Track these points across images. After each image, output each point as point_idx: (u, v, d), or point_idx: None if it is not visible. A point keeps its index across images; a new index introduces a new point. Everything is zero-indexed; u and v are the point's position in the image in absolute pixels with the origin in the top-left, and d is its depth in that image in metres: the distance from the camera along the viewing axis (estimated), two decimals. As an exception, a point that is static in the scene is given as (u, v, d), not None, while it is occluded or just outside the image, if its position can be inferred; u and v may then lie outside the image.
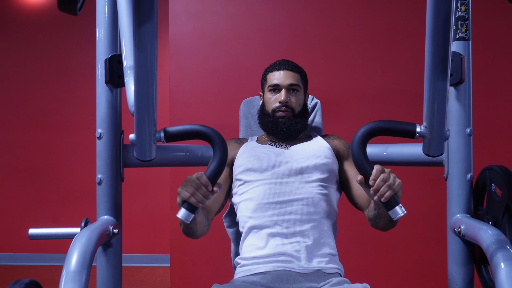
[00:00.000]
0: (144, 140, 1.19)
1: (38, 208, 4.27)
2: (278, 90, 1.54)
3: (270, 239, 1.37)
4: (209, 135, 1.19)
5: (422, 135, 1.17)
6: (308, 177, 1.44)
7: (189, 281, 2.56)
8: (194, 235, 1.34)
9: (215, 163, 1.17)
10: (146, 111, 1.14)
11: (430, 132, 1.15)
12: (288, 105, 1.52)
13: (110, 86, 1.47)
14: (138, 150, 1.22)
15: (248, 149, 1.53)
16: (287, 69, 1.56)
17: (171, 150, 1.58)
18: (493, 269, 1.14)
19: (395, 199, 1.13)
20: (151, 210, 4.22)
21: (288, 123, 1.52)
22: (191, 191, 1.13)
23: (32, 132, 4.31)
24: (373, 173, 1.12)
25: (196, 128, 1.21)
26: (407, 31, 2.56)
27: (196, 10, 2.61)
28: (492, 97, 2.62)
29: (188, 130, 1.22)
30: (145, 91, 1.11)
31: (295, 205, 1.39)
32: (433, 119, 1.13)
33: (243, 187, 1.47)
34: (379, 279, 2.57)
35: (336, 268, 1.38)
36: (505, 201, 1.33)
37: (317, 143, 1.55)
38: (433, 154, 1.20)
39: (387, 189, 1.11)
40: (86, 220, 1.45)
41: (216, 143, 1.18)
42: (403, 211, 1.12)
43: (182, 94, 2.58)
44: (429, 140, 1.17)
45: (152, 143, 1.21)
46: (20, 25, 4.37)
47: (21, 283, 1.05)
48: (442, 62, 1.03)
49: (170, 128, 1.22)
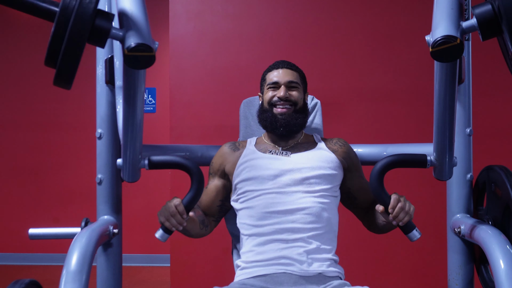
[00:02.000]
0: (130, 166, 1.32)
1: (38, 208, 4.26)
2: (277, 87, 1.53)
3: (271, 244, 1.36)
4: (189, 168, 1.32)
5: (433, 164, 1.32)
6: (311, 187, 1.41)
7: (189, 281, 2.56)
8: (192, 236, 1.48)
9: (192, 193, 1.30)
10: (132, 143, 1.26)
11: (440, 162, 1.29)
12: (289, 98, 1.51)
13: (110, 86, 1.47)
14: (124, 173, 1.36)
15: (249, 159, 1.49)
16: (286, 68, 1.56)
17: (171, 150, 1.58)
18: (493, 269, 1.14)
19: (411, 223, 1.29)
20: (151, 210, 4.20)
21: (288, 119, 1.49)
22: (166, 217, 1.29)
23: (32, 132, 4.31)
24: (391, 203, 1.26)
25: (177, 160, 1.35)
26: (407, 31, 2.56)
27: (196, 10, 2.61)
28: (492, 97, 2.62)
29: (170, 161, 1.36)
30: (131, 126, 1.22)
31: (297, 215, 1.38)
32: (443, 151, 1.26)
33: (243, 196, 1.45)
34: (379, 279, 2.56)
35: (336, 271, 1.37)
36: (505, 201, 1.33)
37: (321, 152, 1.50)
38: (443, 179, 1.36)
39: (404, 215, 1.26)
40: (86, 220, 1.45)
41: (194, 175, 1.31)
42: (419, 233, 1.30)
43: (182, 94, 2.58)
44: (439, 167, 1.31)
45: (137, 170, 1.35)
46: (20, 25, 4.37)
47: (21, 283, 1.05)
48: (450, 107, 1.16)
49: (154, 158, 1.35)
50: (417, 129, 2.55)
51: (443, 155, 1.27)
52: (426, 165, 1.32)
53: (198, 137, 2.51)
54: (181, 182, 2.60)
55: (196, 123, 2.52)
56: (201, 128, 2.55)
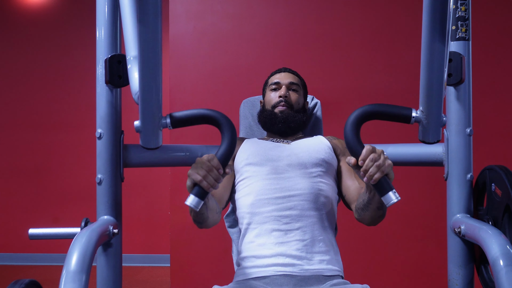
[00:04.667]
0: (150, 126, 1.15)
1: (38, 208, 4.27)
2: (279, 87, 1.62)
3: (269, 236, 1.36)
4: (217, 119, 1.17)
5: (418, 120, 1.14)
6: (308, 172, 1.43)
7: (189, 281, 2.56)
8: (205, 223, 1.30)
9: (224, 145, 1.14)
10: (151, 95, 1.11)
11: (427, 117, 1.12)
12: (287, 100, 1.58)
13: (110, 86, 1.47)
14: (143, 137, 1.18)
15: (249, 145, 1.54)
16: (287, 72, 1.66)
17: (171, 150, 1.58)
18: (493, 269, 1.14)
19: (388, 183, 1.08)
20: (151, 210, 4.22)
21: (286, 115, 1.56)
22: (202, 174, 1.09)
23: (32, 132, 4.32)
24: (362, 153, 1.09)
25: (203, 112, 1.18)
26: (407, 31, 2.56)
27: (196, 10, 2.61)
28: (492, 97, 2.62)
29: (195, 114, 1.19)
30: (150, 72, 1.07)
31: (295, 201, 1.38)
32: (429, 103, 1.10)
33: (242, 182, 1.47)
34: (379, 279, 2.57)
35: (336, 270, 1.37)
36: (505, 201, 1.33)
37: (317, 140, 1.56)
38: (429, 141, 1.17)
39: (376, 169, 1.07)
40: (86, 220, 1.45)
41: (224, 126, 1.16)
42: (396, 197, 1.06)
43: (182, 94, 2.58)
44: (426, 125, 1.14)
45: (158, 130, 1.17)
46: (20, 25, 4.37)
47: (21, 283, 1.05)
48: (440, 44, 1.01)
49: (177, 113, 1.18)
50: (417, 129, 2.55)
51: (430, 109, 1.11)
52: (410, 120, 1.14)
53: (198, 137, 2.51)
54: (181, 182, 2.60)
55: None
56: (201, 128, 2.54)
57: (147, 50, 1.06)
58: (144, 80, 1.11)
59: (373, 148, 1.10)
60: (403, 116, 1.14)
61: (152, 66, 1.08)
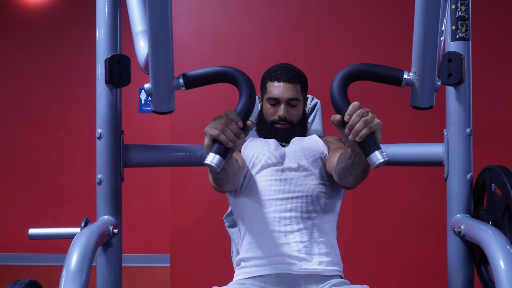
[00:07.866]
0: (162, 87, 1.09)
1: (38, 208, 4.27)
2: (278, 104, 1.55)
3: (269, 237, 1.36)
4: (232, 75, 1.10)
5: (409, 83, 1.06)
6: (308, 173, 1.43)
7: (189, 281, 2.56)
8: (224, 186, 1.24)
9: (243, 101, 1.07)
10: (162, 54, 1.05)
11: (419, 79, 1.05)
12: (287, 118, 1.54)
13: (110, 86, 1.47)
14: (155, 100, 1.11)
15: (252, 143, 1.54)
16: (287, 81, 1.53)
17: (171, 150, 1.58)
18: (493, 269, 1.14)
19: (375, 142, 0.99)
20: (151, 210, 4.22)
21: (286, 131, 1.55)
22: (220, 127, 1.01)
23: (32, 132, 4.32)
24: (349, 109, 1.01)
25: (218, 69, 1.12)
26: (407, 31, 2.55)
27: (196, 10, 2.61)
28: (492, 97, 2.62)
29: (210, 72, 1.13)
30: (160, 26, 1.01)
31: (295, 203, 1.38)
32: (423, 63, 1.02)
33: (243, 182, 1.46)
34: (379, 279, 2.56)
35: (336, 270, 1.37)
36: (505, 201, 1.33)
37: (313, 140, 1.55)
38: (421, 106, 1.08)
39: (363, 125, 0.99)
40: (86, 220, 1.45)
41: (240, 81, 1.10)
42: (383, 157, 0.97)
43: (182, 94, 2.58)
44: (418, 88, 1.06)
45: (171, 91, 1.11)
46: (20, 25, 4.37)
47: (21, 283, 1.05)
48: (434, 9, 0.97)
49: (190, 73, 1.11)
50: (417, 129, 2.55)
51: (423, 71, 1.03)
52: (401, 82, 1.06)
53: (198, 137, 2.51)
54: (182, 182, 2.60)
55: (196, 123, 2.52)
56: (201, 128, 2.53)
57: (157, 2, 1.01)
58: (154, 36, 1.04)
59: (360, 105, 1.02)
60: (394, 77, 1.07)
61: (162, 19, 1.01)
